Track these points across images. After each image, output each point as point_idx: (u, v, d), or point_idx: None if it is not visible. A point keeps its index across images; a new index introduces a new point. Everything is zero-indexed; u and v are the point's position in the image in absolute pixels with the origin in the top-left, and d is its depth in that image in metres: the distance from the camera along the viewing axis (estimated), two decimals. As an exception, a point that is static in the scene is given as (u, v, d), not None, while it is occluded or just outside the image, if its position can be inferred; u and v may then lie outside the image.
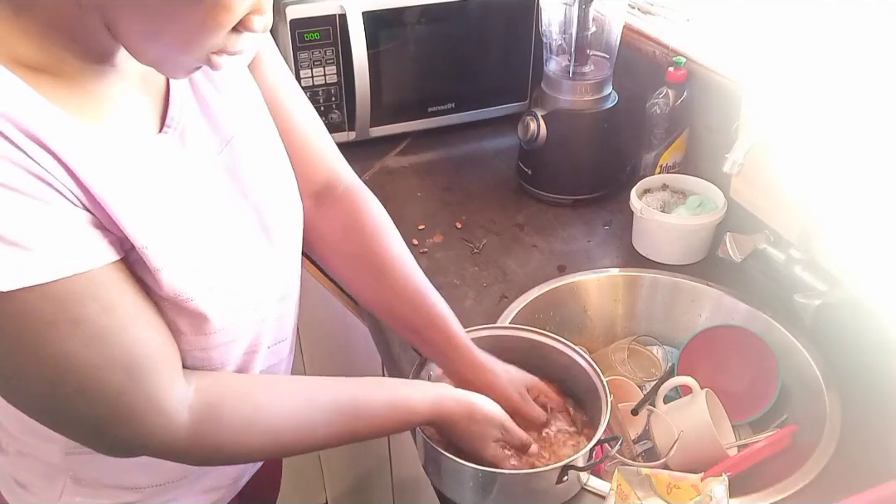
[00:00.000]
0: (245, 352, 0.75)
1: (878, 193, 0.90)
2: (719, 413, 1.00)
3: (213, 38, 0.56)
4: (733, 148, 0.98)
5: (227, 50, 0.59)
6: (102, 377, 0.60)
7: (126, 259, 0.62)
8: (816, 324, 0.97)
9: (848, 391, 0.92)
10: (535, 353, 0.91)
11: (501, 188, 1.39)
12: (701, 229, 1.14)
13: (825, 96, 0.93)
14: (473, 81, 1.52)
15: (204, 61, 0.59)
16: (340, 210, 0.87)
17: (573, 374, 0.88)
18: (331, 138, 0.89)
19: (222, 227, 0.70)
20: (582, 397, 0.90)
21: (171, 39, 0.56)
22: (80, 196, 0.57)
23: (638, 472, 0.79)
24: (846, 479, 0.81)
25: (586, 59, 1.28)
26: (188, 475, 0.82)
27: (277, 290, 0.79)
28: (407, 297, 0.86)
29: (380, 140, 1.49)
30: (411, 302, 0.85)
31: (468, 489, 0.79)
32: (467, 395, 0.79)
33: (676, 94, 1.23)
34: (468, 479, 0.78)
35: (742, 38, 1.23)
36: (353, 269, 0.89)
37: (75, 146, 0.57)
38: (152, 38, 0.57)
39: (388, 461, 1.33)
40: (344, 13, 1.33)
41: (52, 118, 0.56)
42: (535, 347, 0.91)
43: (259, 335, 0.76)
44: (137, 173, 0.62)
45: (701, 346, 1.06)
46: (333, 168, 0.88)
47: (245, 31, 0.58)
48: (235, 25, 0.56)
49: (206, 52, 0.58)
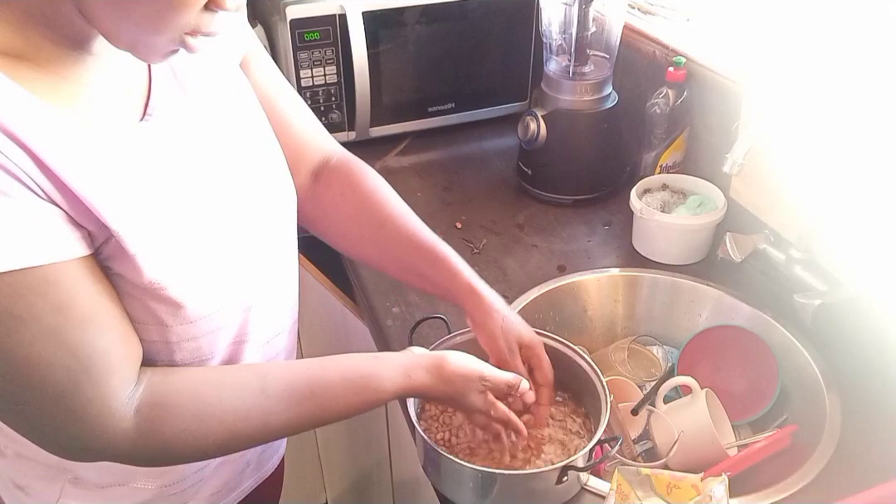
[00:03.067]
0: (233, 342, 0.75)
1: (877, 193, 0.90)
2: (719, 413, 1.00)
3: (184, 16, 0.56)
4: (733, 148, 0.98)
5: (200, 30, 0.58)
6: (46, 377, 0.59)
7: (101, 253, 0.62)
8: (816, 324, 0.97)
9: (848, 391, 0.92)
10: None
11: (501, 188, 1.39)
12: (701, 229, 1.14)
13: (825, 96, 0.93)
14: (473, 81, 1.52)
15: (178, 42, 0.59)
16: (336, 177, 0.89)
17: (573, 374, 0.88)
18: (318, 121, 0.93)
19: (204, 214, 0.69)
20: (582, 397, 0.90)
21: (141, 19, 0.56)
22: (49, 188, 0.57)
23: (638, 472, 0.79)
24: (846, 479, 0.81)
25: (586, 59, 1.28)
26: (188, 478, 0.82)
27: (266, 278, 0.78)
28: (409, 242, 0.87)
29: (380, 140, 1.49)
30: (414, 245, 0.87)
31: (468, 489, 0.79)
32: (436, 358, 0.77)
33: (676, 94, 1.23)
34: (467, 480, 0.78)
35: (742, 38, 1.23)
36: (354, 227, 0.89)
37: (48, 134, 0.57)
38: (122, 19, 0.57)
39: (388, 461, 1.33)
40: (344, 13, 1.33)
41: (24, 107, 0.56)
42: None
43: (246, 324, 0.76)
44: (113, 159, 0.62)
45: (701, 346, 1.06)
46: (325, 147, 0.92)
47: (218, 10, 0.58)
48: (207, 4, 0.56)
49: (178, 33, 0.58)
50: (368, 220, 0.88)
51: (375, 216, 0.88)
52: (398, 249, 0.87)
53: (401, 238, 0.87)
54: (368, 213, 0.88)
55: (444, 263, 0.85)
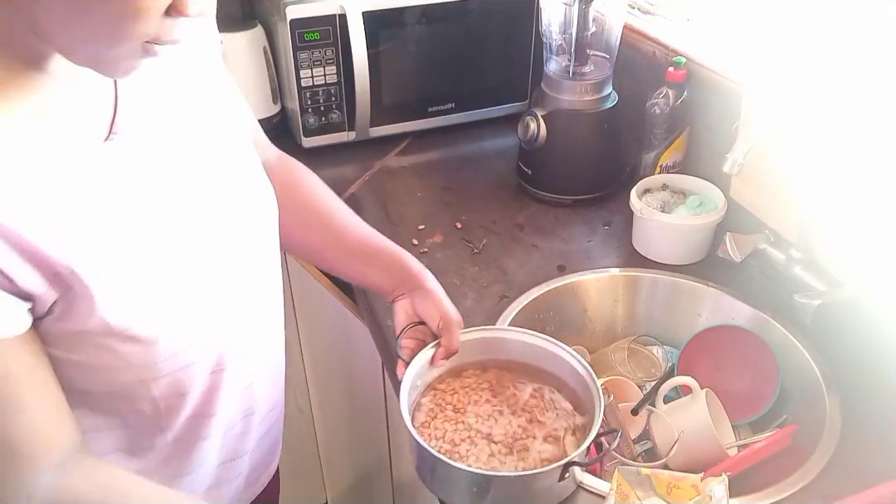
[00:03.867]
0: (212, 371, 0.75)
1: (877, 193, 0.90)
2: (719, 413, 1.00)
3: (142, 25, 0.53)
4: (733, 148, 0.98)
5: (161, 39, 0.55)
6: None
7: (52, 313, 0.60)
8: (816, 324, 0.97)
9: (848, 391, 0.92)
10: (529, 354, 0.91)
11: (501, 188, 1.39)
12: (701, 229, 1.14)
13: (825, 96, 0.93)
14: (473, 81, 1.52)
15: (139, 54, 0.56)
16: (280, 172, 0.92)
17: (567, 374, 0.88)
18: (259, 125, 0.95)
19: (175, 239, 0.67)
20: (579, 396, 0.90)
21: (96, 32, 0.53)
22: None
23: (638, 472, 0.79)
24: (846, 479, 0.81)
25: (586, 59, 1.28)
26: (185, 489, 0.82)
27: (244, 304, 0.77)
28: (354, 236, 0.93)
29: (380, 140, 1.49)
30: (358, 238, 0.93)
31: (463, 492, 0.78)
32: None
33: (676, 94, 1.23)
34: (462, 482, 0.78)
35: (742, 38, 1.23)
36: (300, 223, 0.93)
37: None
38: (77, 33, 0.54)
39: (388, 461, 1.33)
40: (344, 13, 1.33)
41: None
42: (529, 348, 0.91)
43: (222, 354, 0.75)
44: (70, 188, 0.59)
45: (701, 346, 1.06)
46: (267, 148, 0.95)
47: (178, 17, 0.54)
48: (168, 10, 0.53)
49: (137, 43, 0.55)
50: (312, 215, 0.93)
51: (319, 212, 0.93)
52: (342, 244, 0.92)
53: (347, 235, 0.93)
54: (312, 208, 0.94)
55: (389, 252, 0.91)
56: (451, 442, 0.83)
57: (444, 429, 0.85)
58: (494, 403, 0.86)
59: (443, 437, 0.84)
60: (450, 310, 0.87)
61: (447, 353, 0.86)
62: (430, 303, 0.87)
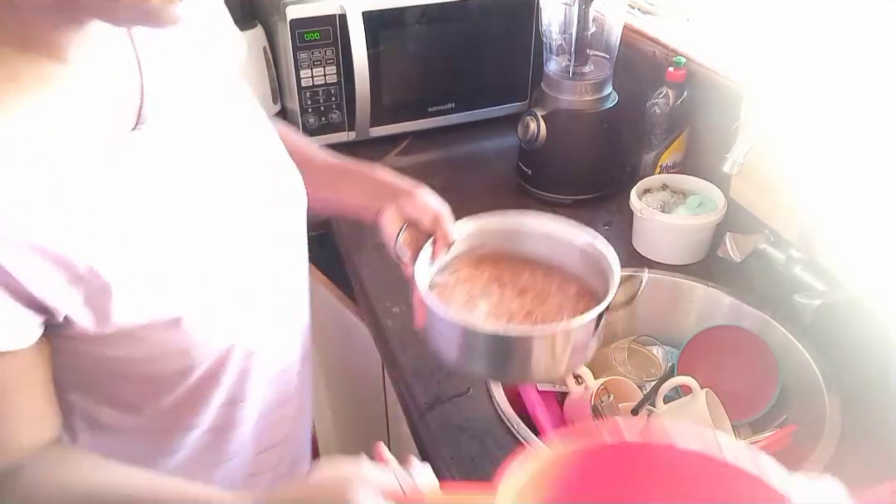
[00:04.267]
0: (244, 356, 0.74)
1: (878, 193, 0.90)
2: (719, 413, 1.00)
3: None
4: (733, 148, 0.98)
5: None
6: None
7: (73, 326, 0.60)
8: (816, 324, 0.97)
9: (848, 391, 0.92)
10: (530, 243, 0.90)
11: (501, 188, 1.39)
12: (701, 229, 1.14)
13: (825, 96, 0.93)
14: (473, 81, 1.52)
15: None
16: None
17: (575, 260, 0.86)
18: None
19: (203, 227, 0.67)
20: (587, 282, 0.86)
21: None
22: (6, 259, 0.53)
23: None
24: (846, 478, 0.81)
25: (586, 59, 1.28)
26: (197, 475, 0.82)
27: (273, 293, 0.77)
28: (324, 159, 0.93)
29: (380, 140, 1.49)
30: (329, 161, 0.92)
31: (497, 359, 0.76)
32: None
33: (676, 94, 1.23)
34: (499, 348, 0.75)
35: (742, 38, 1.23)
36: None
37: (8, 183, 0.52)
38: None
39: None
40: (344, 13, 1.33)
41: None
42: (531, 238, 0.90)
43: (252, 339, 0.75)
44: (93, 181, 0.58)
45: (701, 346, 1.06)
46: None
47: None
48: None
49: None
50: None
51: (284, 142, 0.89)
52: (307, 167, 0.88)
53: (311, 157, 0.91)
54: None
55: (358, 167, 0.91)
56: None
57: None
58: (502, 294, 0.84)
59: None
60: (435, 204, 0.86)
61: (445, 244, 0.85)
62: (413, 203, 0.86)
